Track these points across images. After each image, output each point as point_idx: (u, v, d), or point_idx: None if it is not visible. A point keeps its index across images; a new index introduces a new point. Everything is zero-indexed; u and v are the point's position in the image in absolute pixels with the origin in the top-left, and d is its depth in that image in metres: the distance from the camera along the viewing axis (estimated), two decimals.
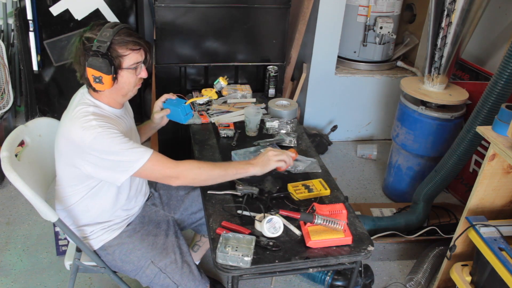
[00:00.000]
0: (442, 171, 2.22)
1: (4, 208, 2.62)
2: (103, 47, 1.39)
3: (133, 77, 1.49)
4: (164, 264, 1.58)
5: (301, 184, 1.67)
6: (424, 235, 2.37)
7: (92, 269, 1.67)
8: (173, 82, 2.55)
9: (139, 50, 1.47)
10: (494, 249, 1.61)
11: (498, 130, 1.70)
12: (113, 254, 1.61)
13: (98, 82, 1.42)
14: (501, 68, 1.81)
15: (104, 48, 1.39)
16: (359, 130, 3.66)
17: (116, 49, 1.42)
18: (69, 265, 1.69)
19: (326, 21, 3.18)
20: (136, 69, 1.48)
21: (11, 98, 3.16)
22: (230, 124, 2.07)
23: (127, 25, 1.48)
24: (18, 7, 3.01)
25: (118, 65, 1.44)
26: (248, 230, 1.43)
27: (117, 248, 1.61)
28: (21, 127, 1.62)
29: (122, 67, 1.45)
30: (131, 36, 1.44)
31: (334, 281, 2.13)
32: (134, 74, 1.49)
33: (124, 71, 1.46)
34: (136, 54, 1.46)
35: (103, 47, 1.39)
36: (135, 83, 1.52)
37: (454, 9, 2.27)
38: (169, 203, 1.83)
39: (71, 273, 1.69)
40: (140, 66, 1.50)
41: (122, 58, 1.43)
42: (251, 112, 2.01)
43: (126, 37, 1.43)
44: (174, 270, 1.58)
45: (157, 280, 1.58)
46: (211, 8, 2.42)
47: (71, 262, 1.67)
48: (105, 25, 1.43)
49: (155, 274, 1.58)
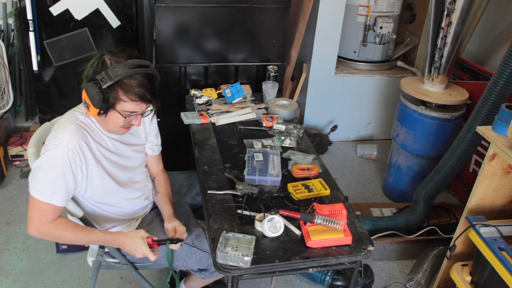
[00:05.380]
0: (442, 171, 2.22)
1: (4, 208, 2.62)
2: (105, 81, 1.33)
3: (121, 121, 1.44)
4: (191, 240, 1.61)
5: (301, 184, 1.68)
6: (424, 235, 2.37)
7: (114, 266, 1.67)
8: (173, 82, 2.55)
9: (139, 103, 1.40)
10: (494, 249, 1.61)
11: (498, 130, 1.70)
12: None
13: (86, 107, 1.41)
14: (501, 68, 1.81)
15: (105, 84, 1.33)
16: (359, 130, 3.66)
17: (118, 91, 1.36)
18: (92, 261, 1.69)
19: (326, 21, 3.18)
20: (128, 116, 1.43)
21: (11, 98, 3.16)
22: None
23: (149, 70, 1.39)
24: (18, 7, 3.00)
25: (112, 104, 1.38)
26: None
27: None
28: (47, 124, 1.65)
29: (115, 108, 1.39)
30: (140, 88, 1.36)
31: (334, 281, 2.13)
32: (123, 119, 1.43)
33: (115, 112, 1.40)
34: (135, 105, 1.40)
35: (105, 82, 1.33)
36: (123, 126, 1.47)
37: (454, 9, 2.27)
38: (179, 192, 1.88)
39: (93, 269, 1.69)
40: (135, 116, 1.44)
41: (119, 102, 1.38)
42: (268, 85, 2.36)
43: (135, 87, 1.36)
44: (201, 241, 1.62)
45: (189, 257, 1.61)
46: (211, 8, 2.42)
47: (94, 258, 1.67)
48: (127, 61, 1.35)
49: (186, 252, 1.60)
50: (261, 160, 1.76)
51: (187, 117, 2.16)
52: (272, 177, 1.67)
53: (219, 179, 1.71)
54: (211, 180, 1.70)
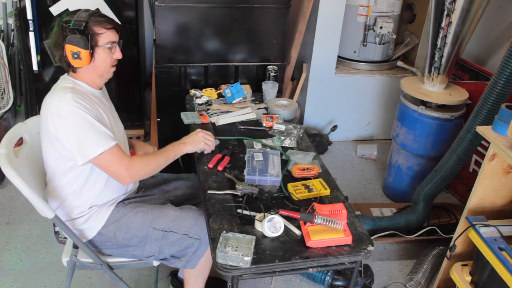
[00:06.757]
0: (442, 171, 2.22)
1: (4, 208, 2.62)
2: (80, 25, 1.50)
3: (109, 57, 1.59)
4: (167, 225, 1.63)
5: (301, 184, 1.67)
6: (424, 235, 2.37)
7: (89, 266, 1.68)
8: (173, 82, 2.55)
9: (113, 29, 1.58)
10: (494, 249, 1.61)
11: (498, 130, 1.70)
12: (116, 237, 1.63)
13: (77, 58, 1.51)
14: (501, 68, 1.81)
15: (81, 26, 1.50)
16: (359, 130, 3.66)
17: (92, 28, 1.53)
18: (66, 261, 1.69)
19: (326, 21, 3.18)
20: (111, 48, 1.58)
21: (11, 98, 3.17)
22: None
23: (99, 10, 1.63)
24: (18, 7, 3.01)
25: (95, 42, 1.54)
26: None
27: (115, 228, 1.63)
28: (20, 124, 1.64)
29: (98, 44, 1.55)
30: (104, 17, 1.58)
31: (334, 281, 2.13)
32: (109, 53, 1.59)
33: (100, 49, 1.55)
34: (110, 33, 1.57)
35: (80, 25, 1.50)
36: (111, 63, 1.61)
37: (454, 9, 2.27)
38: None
39: (68, 270, 1.69)
40: (114, 46, 1.61)
41: (98, 36, 1.54)
42: (268, 85, 2.36)
43: (100, 18, 1.56)
44: (178, 224, 1.64)
45: (167, 241, 1.63)
46: (211, 8, 2.42)
47: (68, 258, 1.67)
48: (80, 10, 1.55)
49: (163, 236, 1.62)
50: (261, 160, 1.76)
51: (187, 117, 2.16)
52: (272, 177, 1.67)
53: (219, 179, 1.71)
54: (211, 180, 1.70)
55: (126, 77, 3.19)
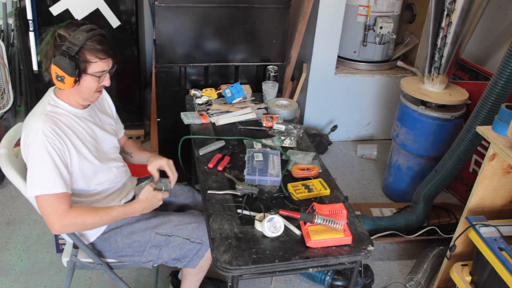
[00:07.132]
0: (442, 171, 2.22)
1: (4, 208, 2.62)
2: (72, 49, 1.41)
3: (95, 84, 1.51)
4: (170, 230, 1.62)
5: (301, 184, 1.67)
6: (424, 235, 2.37)
7: (88, 266, 1.68)
8: (173, 82, 2.55)
9: (107, 60, 1.49)
10: (494, 249, 1.61)
11: (498, 130, 1.70)
12: (117, 242, 1.63)
13: (60, 81, 1.44)
14: (501, 68, 1.81)
15: (73, 51, 1.40)
16: (359, 130, 3.66)
17: (85, 54, 1.44)
18: (66, 261, 1.69)
19: (326, 21, 3.18)
20: (100, 77, 1.51)
21: (11, 98, 3.16)
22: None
23: (102, 31, 1.50)
24: (18, 7, 3.01)
25: (84, 69, 1.45)
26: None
27: (116, 233, 1.63)
28: (20, 124, 1.63)
29: (87, 72, 1.47)
30: (103, 45, 1.46)
31: (334, 281, 2.13)
32: (97, 81, 1.50)
33: (87, 76, 1.47)
34: (103, 63, 1.48)
35: (72, 50, 1.41)
36: (96, 89, 1.53)
37: (454, 9, 2.27)
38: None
39: (68, 270, 1.69)
40: (104, 75, 1.52)
41: (89, 64, 1.45)
42: (268, 85, 2.36)
43: (97, 45, 1.45)
44: (181, 228, 1.63)
45: (168, 246, 1.62)
46: (211, 8, 2.41)
47: (68, 258, 1.67)
48: (81, 28, 1.44)
49: (165, 240, 1.62)
50: (261, 160, 1.76)
51: (187, 117, 2.16)
52: (272, 177, 1.67)
53: (219, 179, 1.71)
54: (211, 180, 1.70)
55: (126, 77, 3.19)
